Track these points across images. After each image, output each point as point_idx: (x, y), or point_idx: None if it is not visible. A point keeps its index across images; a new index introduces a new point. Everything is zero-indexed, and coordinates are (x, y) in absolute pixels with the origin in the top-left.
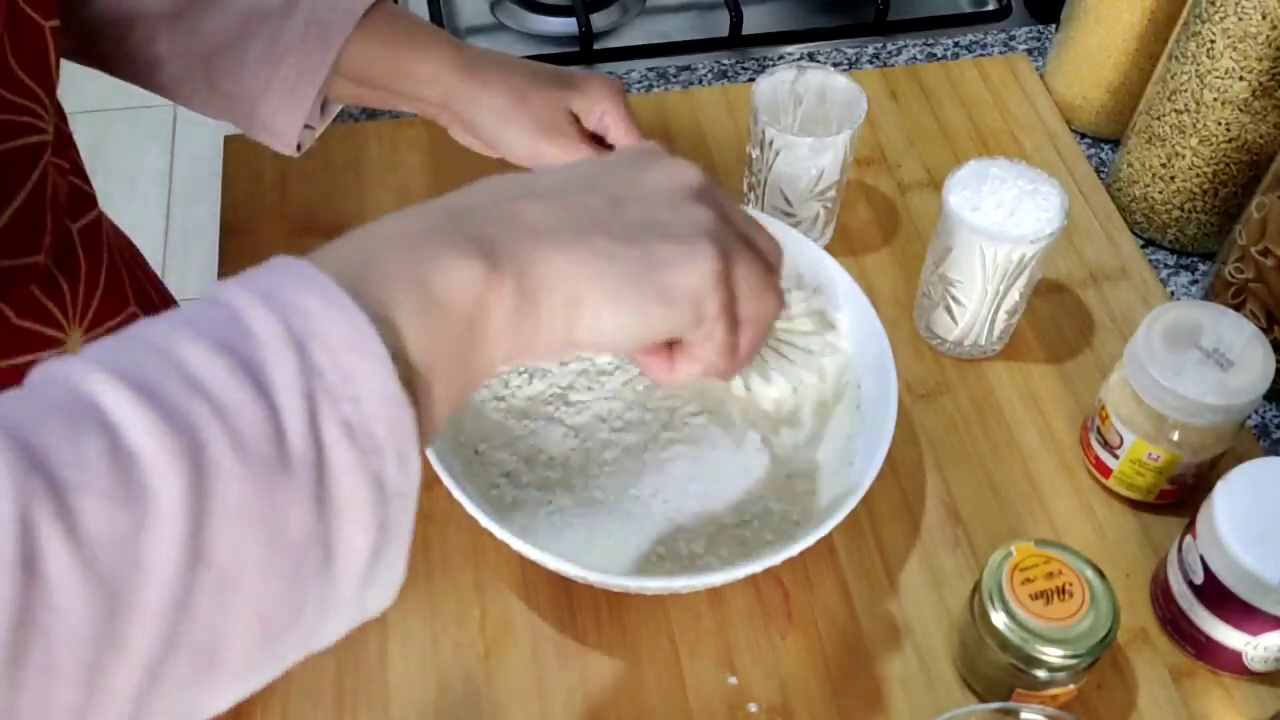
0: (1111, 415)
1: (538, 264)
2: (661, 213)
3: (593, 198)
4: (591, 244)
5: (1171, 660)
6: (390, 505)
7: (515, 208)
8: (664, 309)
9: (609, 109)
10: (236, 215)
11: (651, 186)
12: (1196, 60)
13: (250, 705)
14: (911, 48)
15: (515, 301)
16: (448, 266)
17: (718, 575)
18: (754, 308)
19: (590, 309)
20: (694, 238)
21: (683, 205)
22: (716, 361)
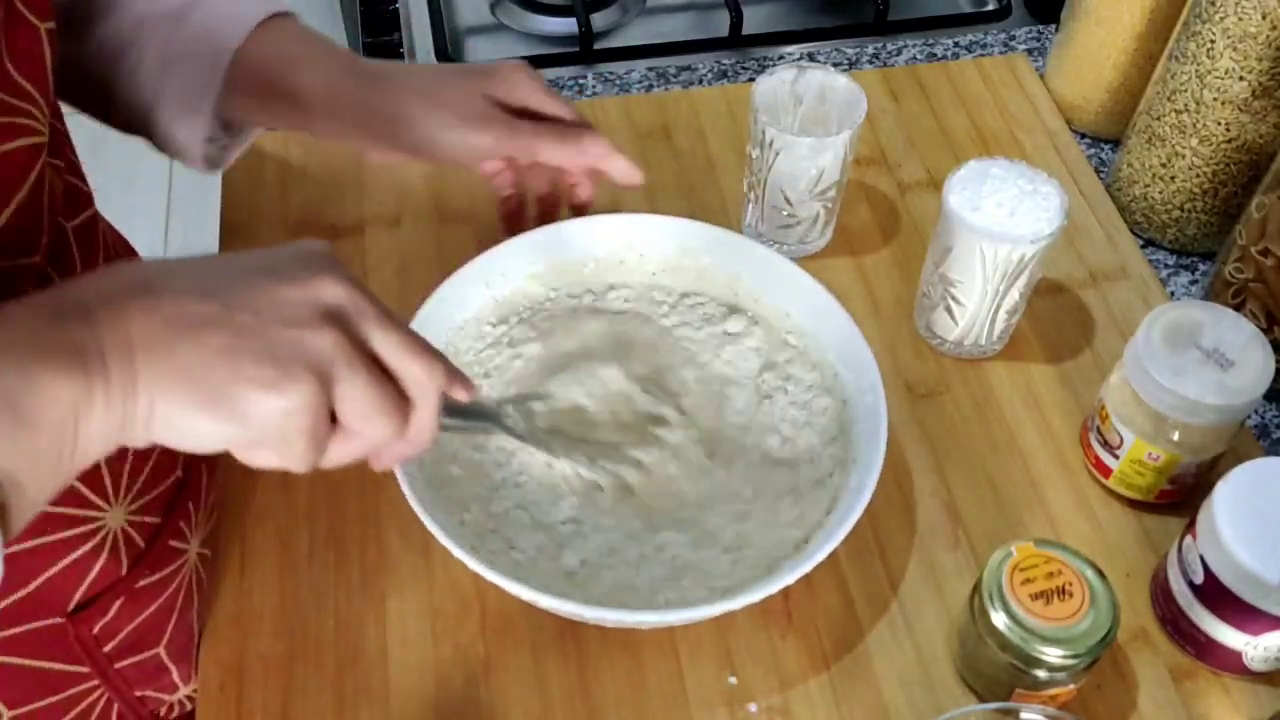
0: (1111, 415)
1: (127, 372)
2: (272, 331)
3: (206, 305)
4: (179, 356)
5: (1171, 660)
6: None
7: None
8: (236, 429)
9: (524, 82)
10: (236, 215)
11: (276, 301)
12: (1196, 60)
13: (251, 705)
14: (911, 48)
15: (107, 406)
16: (40, 387)
17: (718, 607)
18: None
19: (163, 419)
20: (292, 365)
21: (300, 326)
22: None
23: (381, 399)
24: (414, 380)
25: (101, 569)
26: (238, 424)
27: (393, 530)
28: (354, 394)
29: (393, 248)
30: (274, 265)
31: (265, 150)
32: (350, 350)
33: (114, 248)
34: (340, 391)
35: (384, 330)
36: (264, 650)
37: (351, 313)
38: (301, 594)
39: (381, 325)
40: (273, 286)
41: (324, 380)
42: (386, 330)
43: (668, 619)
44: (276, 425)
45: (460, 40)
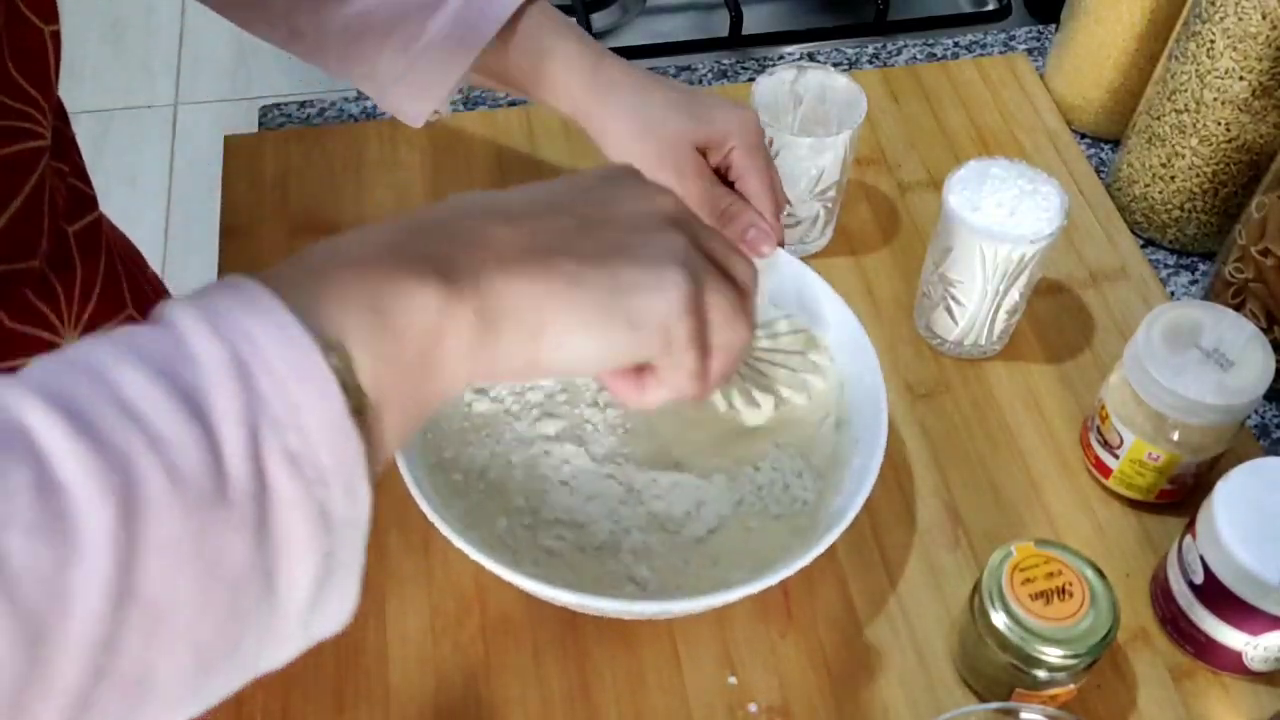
0: (1111, 415)
1: (499, 288)
2: (631, 238)
3: (561, 219)
4: (557, 267)
5: (1171, 660)
6: (337, 535)
7: (481, 228)
8: (631, 335)
9: (737, 144)
10: (236, 215)
11: (622, 210)
12: (1196, 60)
13: (250, 706)
14: (911, 48)
15: (475, 327)
16: (404, 292)
17: (717, 597)
18: (724, 335)
19: (554, 334)
20: (663, 264)
21: (653, 231)
22: (685, 387)
23: (737, 298)
24: (742, 275)
25: None
26: (630, 330)
27: (393, 530)
28: (716, 297)
29: None
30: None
31: (265, 150)
32: (699, 253)
33: (118, 251)
34: (707, 290)
35: (711, 233)
36: None
37: (688, 218)
38: None
39: (707, 230)
40: (612, 199)
41: (695, 279)
42: (713, 234)
43: (670, 609)
44: (665, 329)
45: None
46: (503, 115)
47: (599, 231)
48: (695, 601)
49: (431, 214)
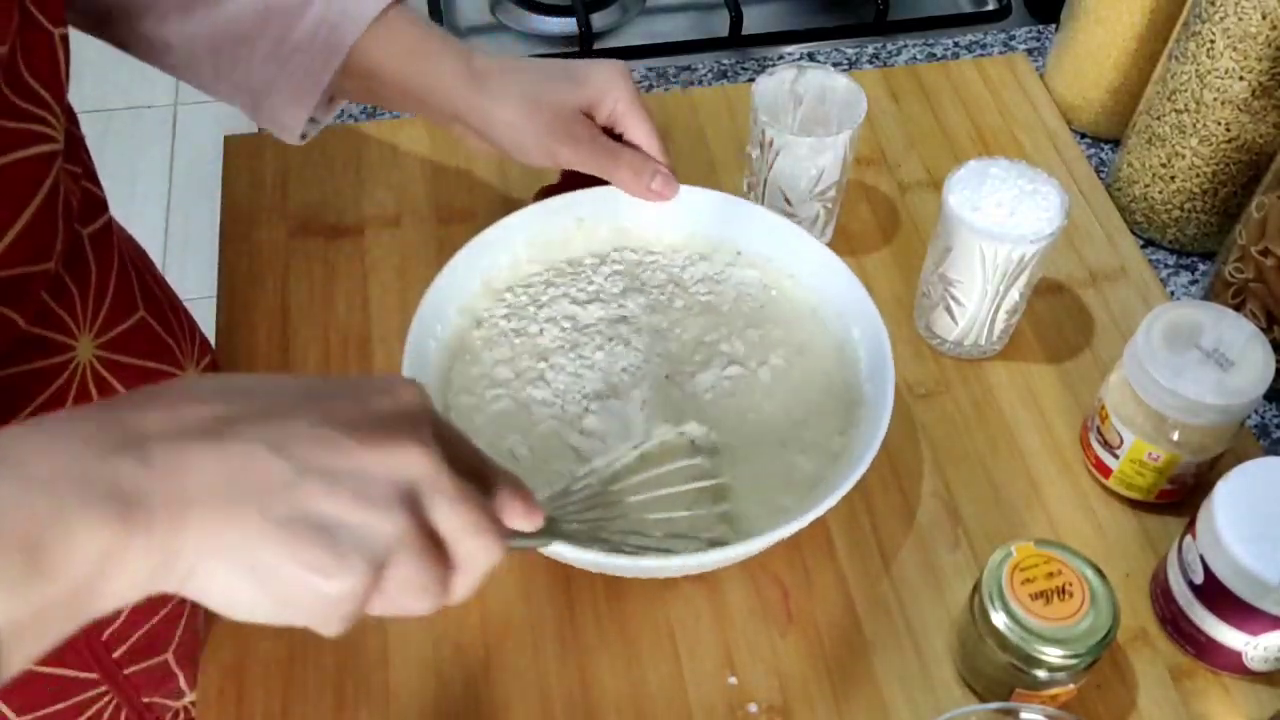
0: (1111, 415)
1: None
2: (340, 507)
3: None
4: (238, 526)
5: (1171, 660)
6: None
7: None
8: (276, 609)
9: (619, 97)
10: (236, 215)
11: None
12: (1196, 60)
13: (251, 705)
14: (911, 48)
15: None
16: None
17: (708, 556)
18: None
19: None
20: (350, 554)
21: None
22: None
23: (427, 578)
24: (469, 557)
25: None
26: (279, 603)
27: None
28: (402, 575)
29: (393, 248)
30: (360, 418)
31: (265, 150)
32: (414, 536)
33: (128, 254)
34: (391, 571)
35: (454, 508)
36: (264, 651)
37: (427, 491)
38: None
39: (451, 504)
40: (353, 449)
41: (379, 568)
42: (456, 508)
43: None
44: (319, 609)
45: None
46: None
47: (309, 492)
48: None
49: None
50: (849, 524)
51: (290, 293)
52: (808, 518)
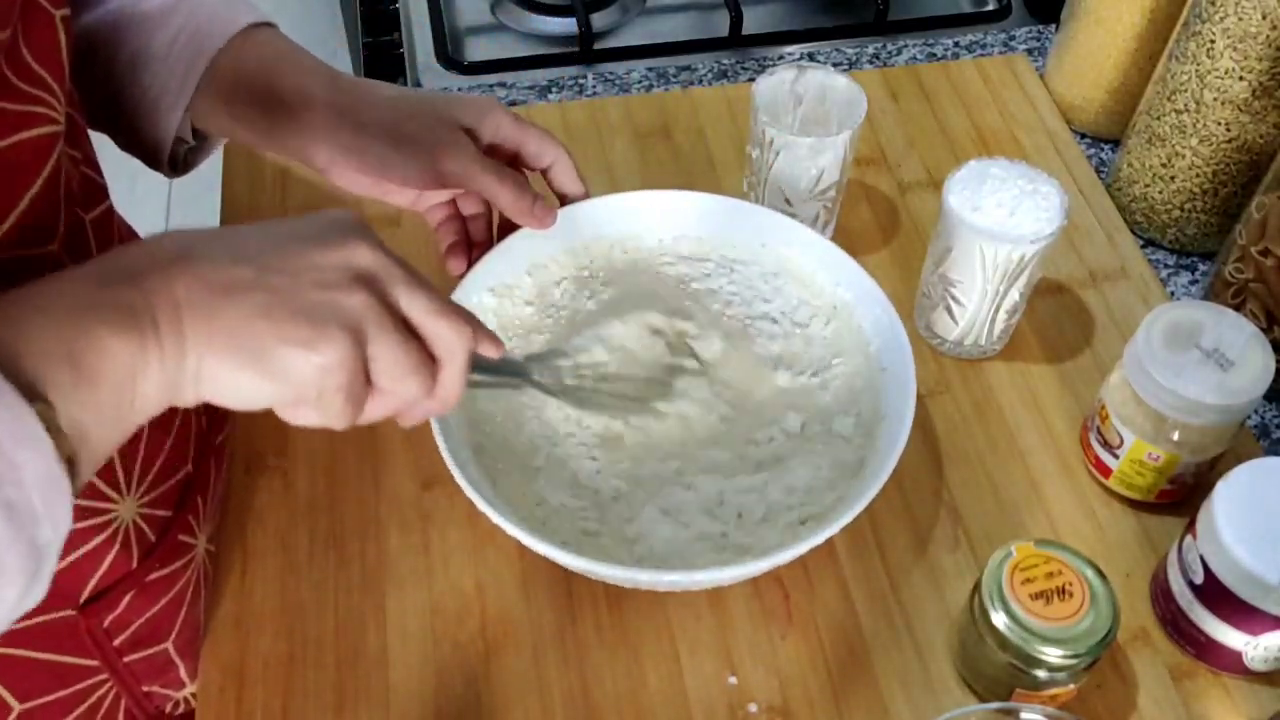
0: (1111, 415)
1: (178, 334)
2: (307, 293)
3: (243, 270)
4: (224, 319)
5: (1171, 660)
6: (42, 557)
7: (167, 274)
8: (283, 385)
9: (500, 122)
10: (236, 215)
11: (309, 264)
12: (1196, 60)
13: (251, 705)
14: (911, 48)
15: (160, 365)
16: (99, 346)
17: (719, 573)
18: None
19: (210, 377)
20: (327, 324)
21: (333, 289)
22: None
23: (410, 359)
24: (442, 340)
25: (113, 561)
26: (278, 381)
27: (393, 530)
28: (385, 354)
29: (393, 247)
30: (305, 232)
31: None
32: (381, 311)
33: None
34: (372, 351)
35: (412, 293)
36: (264, 650)
37: (382, 276)
38: (302, 594)
39: (410, 288)
40: (305, 251)
41: (358, 339)
42: (415, 293)
43: (698, 579)
44: (314, 382)
45: (460, 40)
46: None
47: (276, 285)
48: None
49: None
50: (849, 525)
51: None
52: (820, 536)
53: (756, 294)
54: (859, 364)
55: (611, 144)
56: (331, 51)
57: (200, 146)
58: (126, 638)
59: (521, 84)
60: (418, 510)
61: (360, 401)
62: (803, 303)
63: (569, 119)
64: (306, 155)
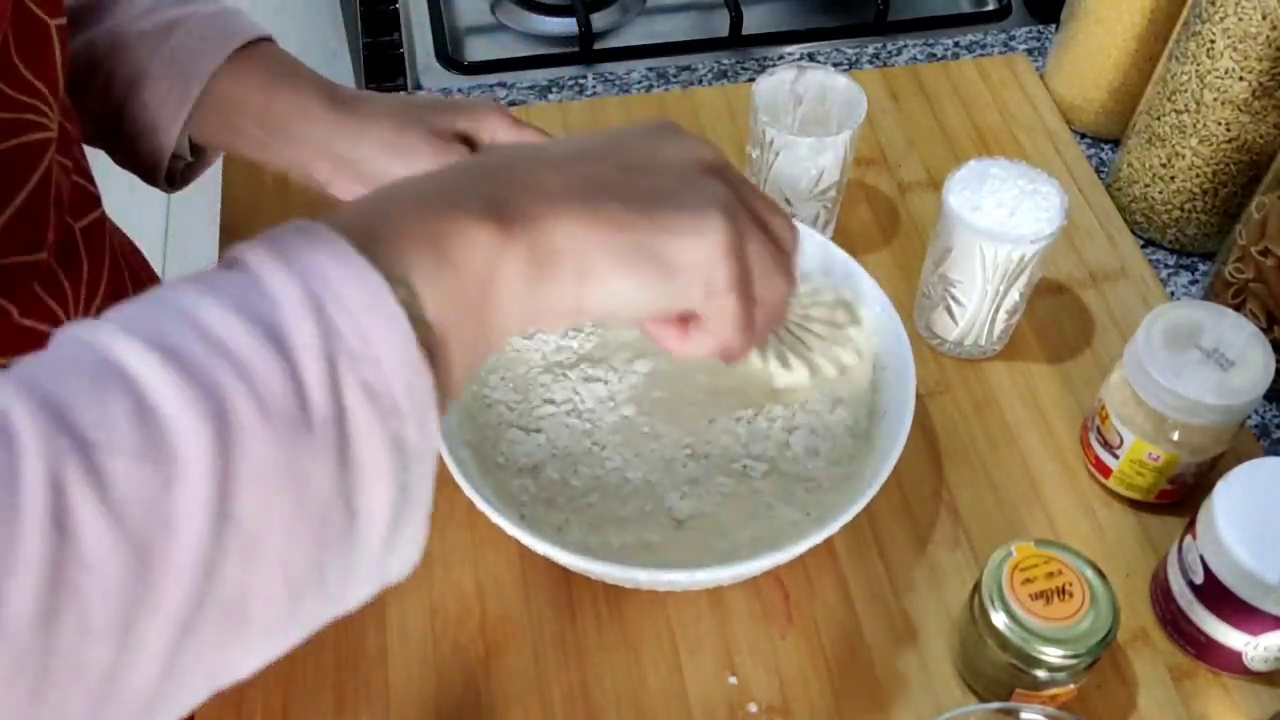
0: (1111, 415)
1: (549, 228)
2: (674, 184)
3: (606, 166)
4: (603, 210)
5: (1171, 660)
6: (410, 467)
7: (530, 172)
8: (673, 279)
9: (499, 122)
10: (236, 215)
11: (665, 158)
12: (1196, 60)
13: (251, 705)
14: (911, 48)
15: (527, 265)
16: (462, 229)
17: (719, 573)
18: (765, 286)
19: (598, 277)
20: (705, 209)
21: (696, 178)
22: (729, 336)
23: (776, 252)
24: (782, 232)
25: None
26: (669, 278)
27: None
28: (757, 246)
29: None
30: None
31: None
32: (738, 199)
33: (121, 252)
34: (748, 240)
35: (752, 191)
36: None
37: (729, 172)
38: None
39: (748, 186)
40: (655, 147)
41: (733, 225)
42: (754, 191)
43: (698, 579)
44: (705, 274)
45: (460, 40)
46: None
47: (643, 178)
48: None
49: (483, 160)
50: (849, 525)
51: None
52: (820, 536)
53: None
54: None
55: None
56: (332, 51)
57: (198, 161)
58: None
59: (521, 84)
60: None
61: (752, 301)
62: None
63: (569, 119)
64: (307, 171)
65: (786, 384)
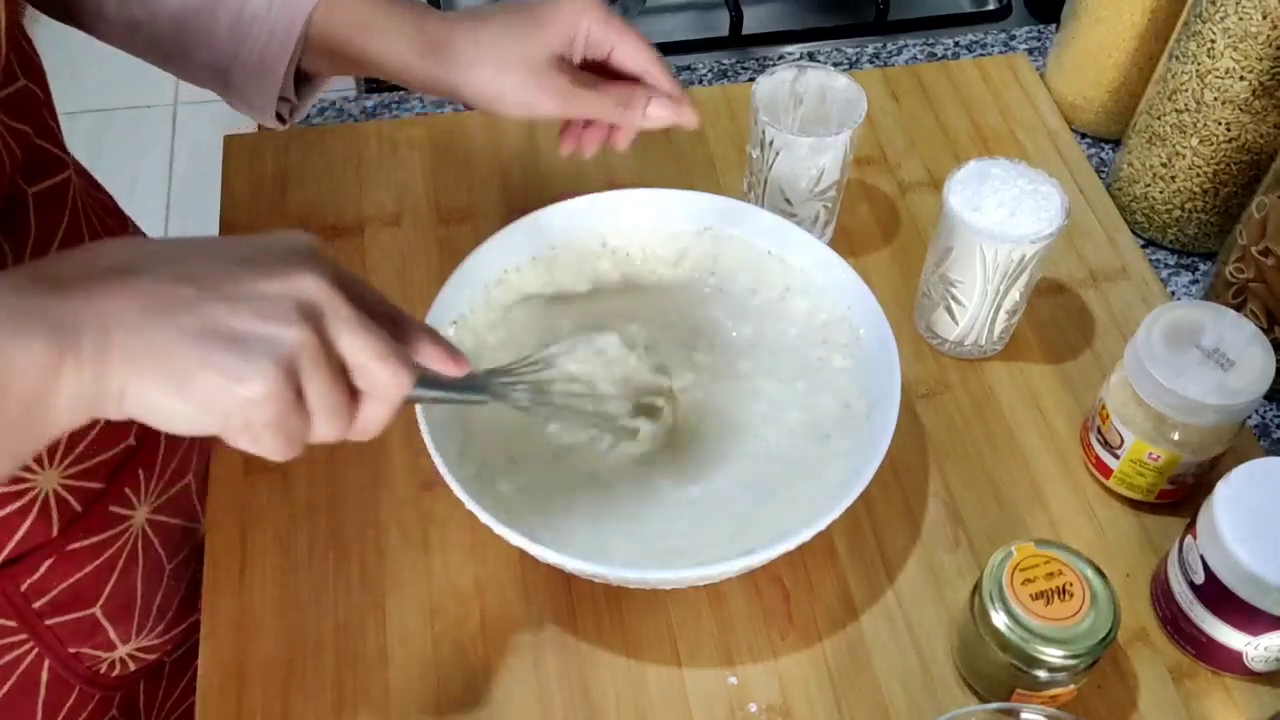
0: (1112, 415)
1: (101, 349)
2: (244, 322)
3: (183, 289)
4: (154, 338)
5: (1172, 660)
6: None
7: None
8: (203, 414)
9: (590, 25)
10: (236, 215)
11: (252, 291)
12: (1197, 60)
13: (251, 705)
14: (912, 47)
15: (79, 380)
16: (11, 356)
17: (713, 569)
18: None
19: (135, 397)
20: (258, 356)
21: (272, 320)
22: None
23: (336, 398)
24: (376, 384)
25: (29, 528)
26: (204, 409)
27: (393, 530)
28: (313, 391)
29: (393, 248)
30: (255, 255)
31: (265, 150)
32: (316, 349)
33: (92, 213)
34: (304, 385)
35: (354, 332)
36: (264, 650)
37: (326, 311)
38: (301, 594)
39: (351, 328)
40: (250, 277)
41: (290, 374)
42: (356, 332)
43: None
44: (241, 414)
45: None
46: None
47: (214, 310)
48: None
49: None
50: (849, 524)
51: None
52: (811, 530)
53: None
54: (849, 353)
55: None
56: None
57: (307, 94)
58: (47, 601)
59: None
60: (417, 510)
61: (295, 436)
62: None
63: None
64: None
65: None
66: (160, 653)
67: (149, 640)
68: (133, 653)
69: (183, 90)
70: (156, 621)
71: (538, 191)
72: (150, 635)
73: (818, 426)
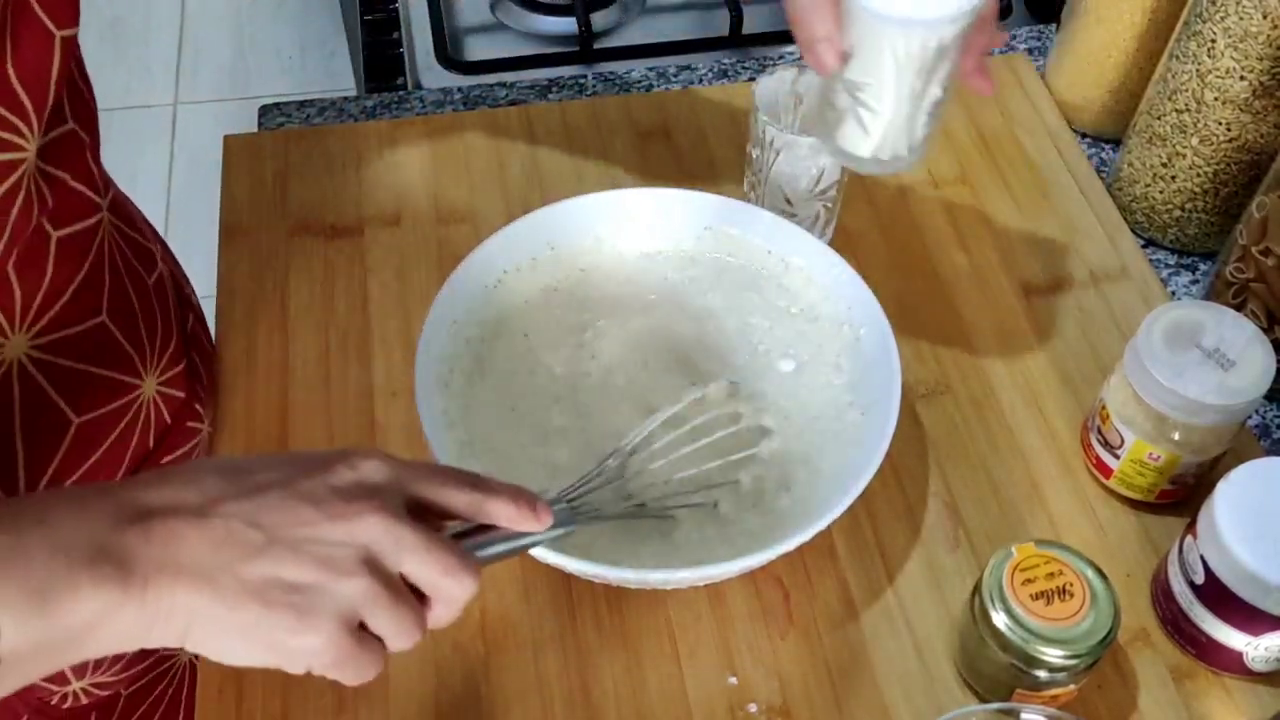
0: (1112, 415)
1: (165, 594)
2: (306, 572)
3: (252, 534)
4: (219, 586)
5: (1172, 660)
6: None
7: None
8: (267, 657)
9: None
10: (236, 215)
11: (317, 536)
12: (1197, 60)
13: (251, 705)
14: None
15: (138, 619)
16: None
17: (712, 569)
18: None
19: (199, 639)
20: (317, 614)
21: (332, 571)
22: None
23: (402, 627)
24: (442, 594)
25: None
26: (265, 654)
27: None
28: (382, 624)
29: (393, 248)
30: (324, 492)
31: (265, 150)
32: (379, 592)
33: (118, 256)
34: (370, 622)
35: (417, 559)
36: None
37: (389, 550)
38: None
39: (415, 555)
40: (317, 519)
41: (348, 623)
42: (420, 558)
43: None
44: (302, 660)
45: (460, 40)
46: (503, 115)
47: (279, 559)
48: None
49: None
50: (849, 525)
51: (290, 293)
52: (812, 530)
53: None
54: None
55: (611, 144)
56: (331, 52)
57: None
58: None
59: (521, 84)
60: None
61: (364, 665)
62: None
63: (569, 119)
64: None
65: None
66: (116, 688)
67: (105, 677)
68: (87, 687)
69: (182, 90)
70: (115, 660)
71: (538, 191)
72: (107, 673)
73: (818, 426)
